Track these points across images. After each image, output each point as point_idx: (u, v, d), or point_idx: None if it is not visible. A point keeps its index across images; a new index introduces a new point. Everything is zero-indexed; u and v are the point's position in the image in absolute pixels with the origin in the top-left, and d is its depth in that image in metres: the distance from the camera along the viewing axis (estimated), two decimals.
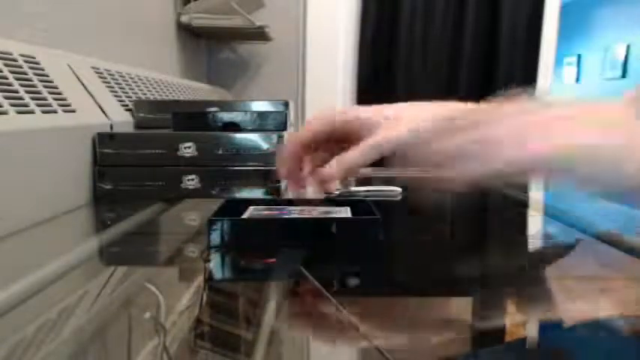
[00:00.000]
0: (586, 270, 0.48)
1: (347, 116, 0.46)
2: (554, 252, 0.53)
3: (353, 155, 0.44)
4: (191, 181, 0.70)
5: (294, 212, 0.52)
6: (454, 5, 1.93)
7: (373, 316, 0.36)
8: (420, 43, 1.94)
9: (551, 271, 0.48)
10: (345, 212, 0.52)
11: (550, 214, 0.73)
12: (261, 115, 0.82)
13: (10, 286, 0.37)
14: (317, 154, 0.49)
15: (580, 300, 0.40)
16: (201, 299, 0.38)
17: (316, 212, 0.52)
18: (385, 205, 0.75)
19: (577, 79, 4.86)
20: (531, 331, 0.35)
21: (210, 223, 0.46)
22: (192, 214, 0.66)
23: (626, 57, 4.26)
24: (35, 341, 0.30)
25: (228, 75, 1.91)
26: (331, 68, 1.92)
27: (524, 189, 0.91)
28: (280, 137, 0.72)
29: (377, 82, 1.96)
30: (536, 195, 0.93)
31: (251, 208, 0.54)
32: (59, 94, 0.66)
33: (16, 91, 0.58)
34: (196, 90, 1.44)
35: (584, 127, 0.32)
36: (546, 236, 0.62)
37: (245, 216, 0.51)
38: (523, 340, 0.33)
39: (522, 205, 0.79)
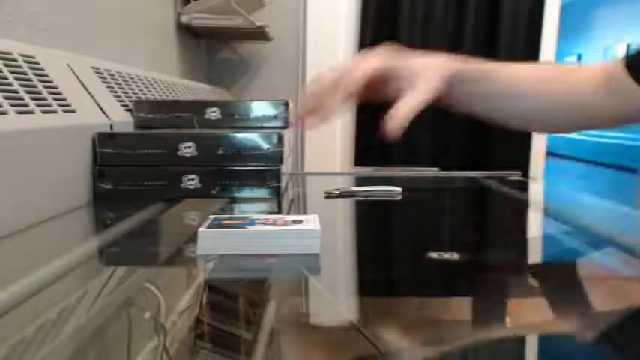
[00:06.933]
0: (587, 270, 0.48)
1: (401, 63, 0.58)
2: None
3: (415, 99, 0.53)
4: (191, 181, 0.70)
5: (258, 222, 0.48)
6: (454, 6, 1.93)
7: (374, 315, 0.36)
8: (420, 44, 1.94)
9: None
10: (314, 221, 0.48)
11: (550, 214, 0.73)
12: (261, 115, 0.82)
13: (10, 286, 0.37)
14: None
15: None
16: (201, 299, 0.38)
17: (282, 221, 0.48)
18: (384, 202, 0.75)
19: None
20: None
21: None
22: (192, 214, 0.66)
23: None
24: (35, 341, 0.30)
25: (228, 75, 1.91)
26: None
27: (525, 188, 0.91)
28: (280, 137, 0.72)
29: None
30: (536, 195, 0.93)
31: (211, 217, 0.49)
32: (59, 94, 0.66)
33: (16, 91, 0.58)
34: (196, 90, 1.44)
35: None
36: (546, 237, 0.62)
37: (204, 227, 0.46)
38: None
39: (523, 205, 0.79)
